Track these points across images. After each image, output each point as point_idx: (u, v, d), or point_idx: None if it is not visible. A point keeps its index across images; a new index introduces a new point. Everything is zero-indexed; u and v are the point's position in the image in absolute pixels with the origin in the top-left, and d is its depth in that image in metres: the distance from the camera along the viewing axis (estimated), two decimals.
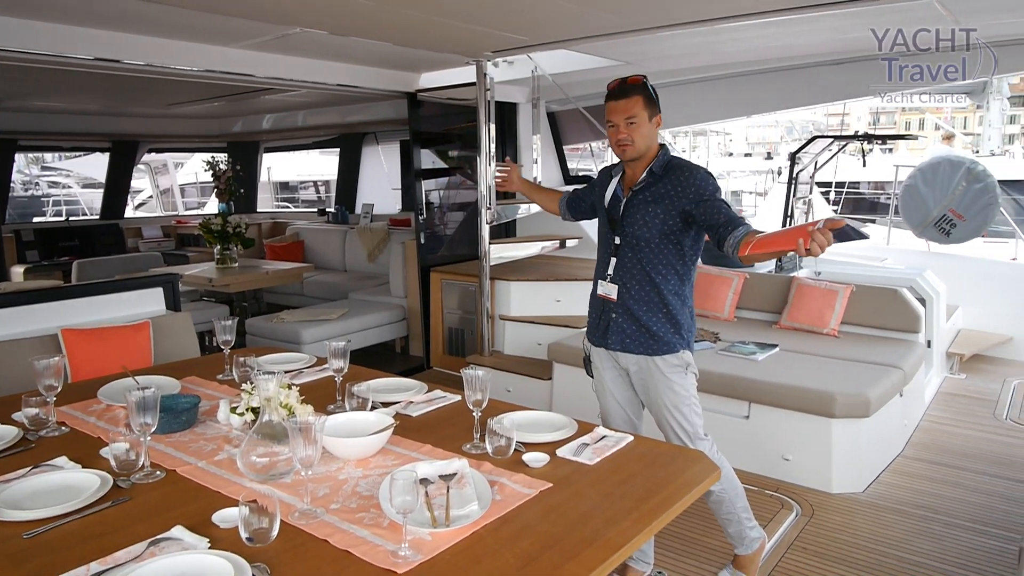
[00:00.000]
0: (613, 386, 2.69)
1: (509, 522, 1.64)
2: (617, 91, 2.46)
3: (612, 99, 2.47)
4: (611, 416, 2.71)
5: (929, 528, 3.18)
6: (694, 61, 5.26)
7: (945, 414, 4.61)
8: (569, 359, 4.38)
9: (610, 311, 2.59)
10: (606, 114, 2.48)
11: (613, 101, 2.46)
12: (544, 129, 6.52)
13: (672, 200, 2.43)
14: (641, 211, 2.47)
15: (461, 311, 5.49)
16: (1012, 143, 31.00)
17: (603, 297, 2.61)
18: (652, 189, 2.47)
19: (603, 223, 2.64)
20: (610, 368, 2.68)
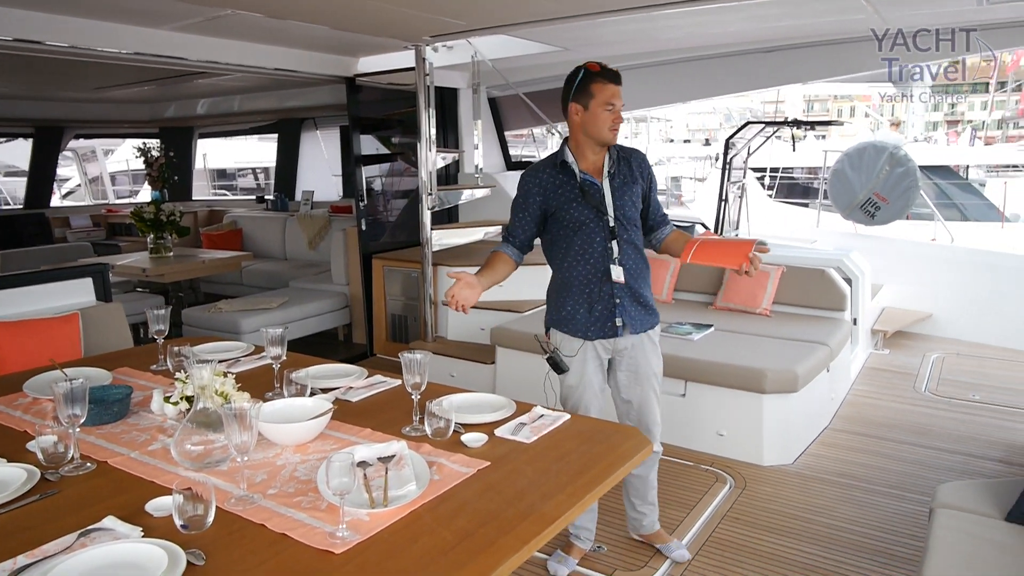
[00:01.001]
0: (594, 378, 2.66)
1: (447, 501, 1.67)
2: (614, 75, 2.47)
3: (612, 82, 2.46)
4: (592, 408, 2.67)
5: (852, 495, 3.36)
6: (631, 48, 5.34)
7: (869, 388, 4.84)
8: (511, 343, 4.44)
9: (614, 297, 2.57)
10: (603, 96, 2.44)
11: (613, 85, 2.46)
12: (485, 115, 6.52)
13: (638, 181, 2.58)
14: (623, 192, 2.54)
15: (404, 298, 5.48)
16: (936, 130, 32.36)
17: (614, 282, 2.55)
18: (623, 172, 2.56)
19: (581, 214, 2.52)
20: (592, 359, 2.64)
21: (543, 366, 4.34)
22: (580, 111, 2.49)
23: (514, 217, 2.62)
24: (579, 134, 2.54)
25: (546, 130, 5.74)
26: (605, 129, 2.47)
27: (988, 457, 3.76)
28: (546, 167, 2.60)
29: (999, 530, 2.15)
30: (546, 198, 2.55)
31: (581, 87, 2.47)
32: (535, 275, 5.18)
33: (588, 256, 2.55)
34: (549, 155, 2.67)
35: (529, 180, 2.59)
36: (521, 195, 2.60)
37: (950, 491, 2.39)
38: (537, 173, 2.58)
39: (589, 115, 2.47)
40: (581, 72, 2.48)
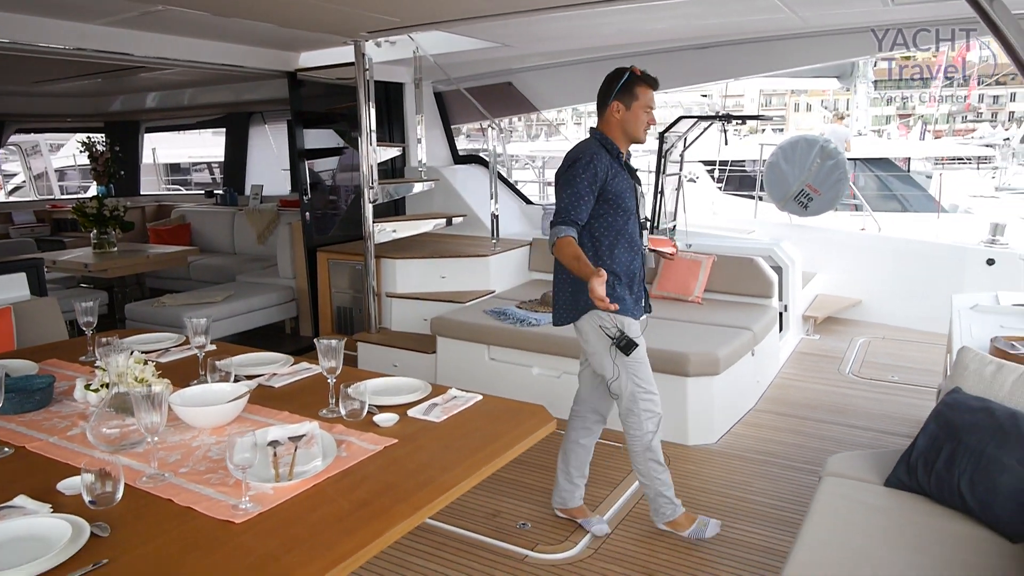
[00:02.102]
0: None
1: (350, 475, 1.78)
2: (655, 82, 2.73)
3: (653, 87, 2.72)
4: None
5: (768, 471, 3.55)
6: (569, 44, 5.48)
7: (796, 371, 5.07)
8: (451, 332, 4.55)
9: (643, 280, 2.87)
10: (644, 99, 2.69)
11: (653, 90, 2.72)
12: (430, 109, 6.60)
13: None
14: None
15: (351, 290, 5.55)
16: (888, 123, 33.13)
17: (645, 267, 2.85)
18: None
19: (631, 203, 2.73)
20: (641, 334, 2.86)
21: (482, 353, 4.49)
22: (622, 109, 2.70)
23: (580, 200, 2.62)
24: (616, 130, 2.73)
25: (496, 124, 5.83)
26: (641, 129, 2.72)
27: (898, 433, 4.00)
28: (603, 153, 2.69)
29: (877, 494, 2.33)
30: (607, 183, 2.66)
31: (626, 87, 2.68)
32: (475, 266, 5.34)
33: (633, 242, 2.76)
34: (590, 141, 2.74)
35: (596, 164, 2.64)
36: (589, 178, 2.62)
37: (839, 461, 2.57)
38: (600, 158, 2.67)
39: (630, 114, 2.69)
40: (627, 74, 2.70)
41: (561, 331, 4.18)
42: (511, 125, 28.84)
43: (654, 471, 2.89)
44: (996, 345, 2.93)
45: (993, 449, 2.16)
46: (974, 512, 2.14)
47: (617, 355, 2.74)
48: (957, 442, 2.25)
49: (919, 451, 2.34)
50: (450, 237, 5.99)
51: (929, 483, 2.27)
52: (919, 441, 2.36)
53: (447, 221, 5.64)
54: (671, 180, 5.71)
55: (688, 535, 2.90)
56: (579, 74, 6.14)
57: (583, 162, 2.63)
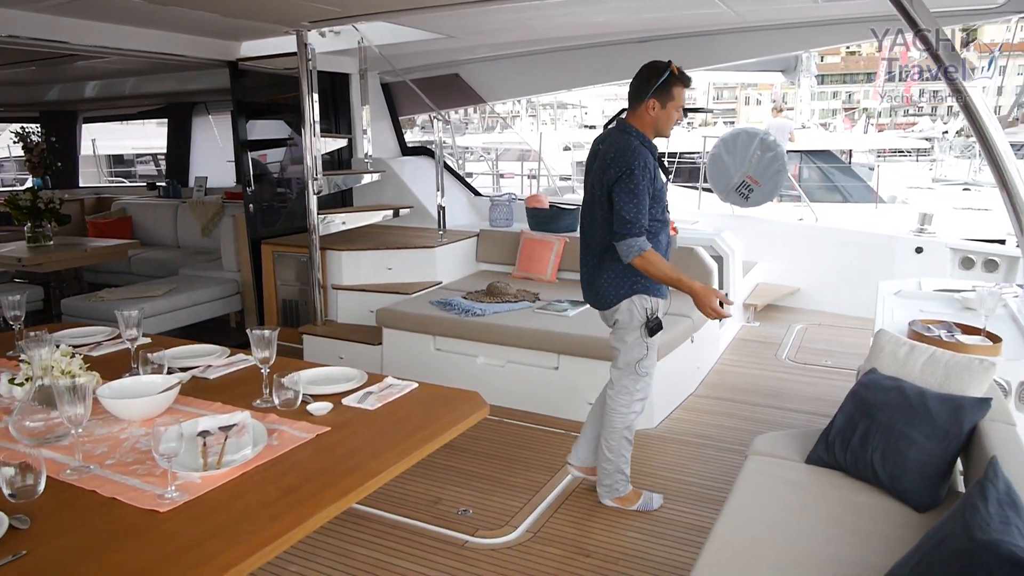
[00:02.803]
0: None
1: (280, 462, 1.80)
2: (689, 81, 2.81)
3: (686, 87, 2.80)
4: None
5: (704, 453, 3.67)
6: (514, 36, 5.51)
7: (736, 357, 5.22)
8: (397, 323, 4.56)
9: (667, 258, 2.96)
10: (679, 99, 2.78)
11: (686, 89, 2.81)
12: (376, 100, 6.57)
13: None
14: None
15: (297, 283, 5.50)
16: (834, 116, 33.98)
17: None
18: None
19: (663, 193, 2.86)
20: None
21: (427, 344, 4.51)
22: (657, 107, 2.77)
23: (644, 206, 2.72)
24: (648, 126, 2.81)
25: (440, 116, 5.83)
26: (670, 128, 2.84)
27: (827, 414, 4.09)
28: (648, 155, 2.77)
29: (797, 471, 2.44)
30: (654, 183, 2.77)
31: (664, 86, 2.73)
32: (422, 258, 5.35)
33: (666, 229, 2.92)
34: (631, 141, 2.78)
35: (648, 168, 2.73)
36: (648, 183, 2.72)
37: (764, 441, 2.68)
38: (649, 161, 2.75)
39: (664, 113, 2.78)
40: (667, 73, 2.73)
41: (505, 321, 4.27)
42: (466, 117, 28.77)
43: (623, 448, 3.05)
44: (913, 328, 3.08)
45: (902, 426, 2.29)
46: (885, 485, 2.26)
47: (645, 335, 2.91)
48: (871, 420, 2.37)
49: (837, 429, 2.46)
50: (397, 229, 5.98)
51: (845, 459, 2.39)
52: (837, 419, 2.48)
53: (394, 213, 5.63)
54: None
55: (636, 508, 3.08)
56: (526, 66, 6.19)
57: (640, 168, 2.70)
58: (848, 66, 58.16)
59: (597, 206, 2.87)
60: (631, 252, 2.72)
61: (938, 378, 2.43)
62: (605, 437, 3.07)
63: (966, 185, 16.57)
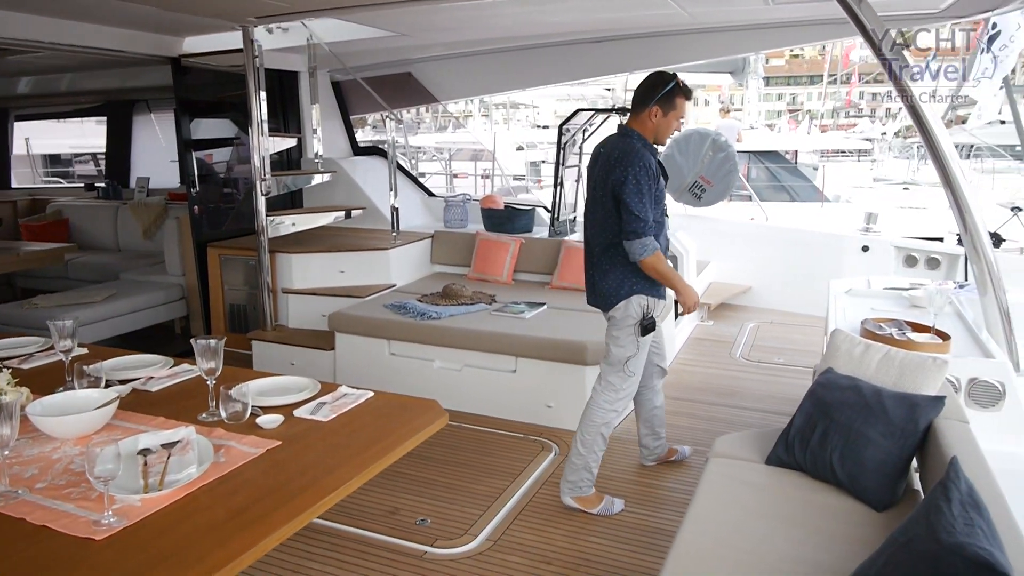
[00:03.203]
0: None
1: (228, 481, 1.70)
2: (691, 93, 2.97)
3: (688, 98, 2.95)
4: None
5: None
6: (467, 34, 5.45)
7: (691, 356, 5.25)
8: (350, 327, 4.44)
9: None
10: (681, 110, 2.93)
11: (688, 101, 2.95)
12: (327, 99, 6.42)
13: None
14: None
15: (245, 287, 5.33)
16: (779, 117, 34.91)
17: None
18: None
19: (663, 195, 2.96)
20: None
21: (382, 348, 4.41)
22: (659, 115, 2.90)
23: (646, 206, 2.81)
24: (648, 132, 2.93)
25: (395, 115, 5.72)
26: (667, 135, 2.99)
27: (782, 412, 4.20)
28: (651, 157, 2.88)
29: (758, 472, 2.44)
30: (656, 184, 2.87)
31: (667, 96, 2.88)
32: (375, 260, 5.24)
33: (664, 232, 3.01)
34: (632, 143, 2.88)
35: (649, 167, 2.83)
36: (649, 182, 2.81)
37: (725, 442, 2.68)
38: (651, 163, 2.86)
39: (664, 121, 2.91)
40: (671, 84, 2.89)
41: (461, 323, 4.20)
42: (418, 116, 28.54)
43: (596, 445, 3.07)
44: (866, 327, 3.13)
45: (860, 425, 2.30)
46: (844, 485, 2.28)
47: (638, 334, 2.98)
48: (829, 419, 2.38)
49: (796, 429, 2.47)
50: (349, 230, 5.85)
51: (805, 459, 2.40)
52: (796, 419, 2.49)
53: (346, 214, 5.50)
54: (571, 172, 5.78)
55: (597, 512, 3.05)
56: (480, 65, 6.12)
57: (643, 169, 2.80)
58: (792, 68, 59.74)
59: (599, 208, 2.94)
60: (644, 251, 2.81)
61: (893, 377, 2.46)
62: (581, 431, 3.08)
63: (905, 184, 17.14)
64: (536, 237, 5.59)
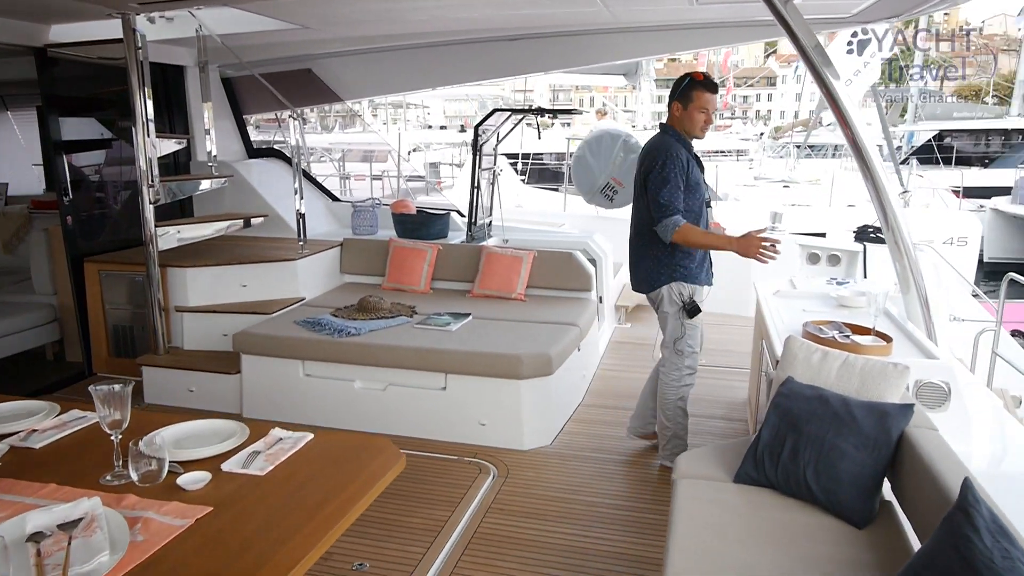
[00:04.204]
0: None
1: (153, 566, 1.38)
2: (713, 86, 3.13)
3: (709, 91, 3.11)
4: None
5: (605, 469, 3.52)
6: (375, 29, 5.12)
7: (615, 361, 5.17)
8: (257, 348, 4.03)
9: (709, 254, 3.33)
10: (700, 101, 3.09)
11: (711, 94, 3.11)
12: (219, 97, 5.91)
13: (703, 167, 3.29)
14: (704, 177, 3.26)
15: (131, 306, 4.77)
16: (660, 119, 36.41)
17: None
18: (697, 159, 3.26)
19: (704, 188, 3.22)
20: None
21: (295, 370, 4.04)
22: (680, 109, 3.15)
23: (677, 191, 3.06)
24: (678, 126, 3.18)
25: (285, 115, 5.30)
26: (697, 128, 3.14)
27: (714, 416, 4.19)
28: (681, 149, 3.12)
29: (730, 492, 2.32)
30: (688, 173, 3.10)
31: (685, 90, 3.11)
32: (281, 272, 4.83)
33: (701, 220, 3.20)
34: (665, 137, 3.18)
35: (679, 160, 3.08)
36: (679, 173, 3.06)
37: (688, 460, 2.55)
38: (680, 153, 3.10)
39: (686, 114, 3.13)
40: (687, 79, 3.12)
41: (383, 339, 3.90)
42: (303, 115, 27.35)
43: (679, 416, 3.40)
44: (807, 330, 3.10)
45: (832, 437, 2.22)
46: (820, 501, 2.19)
47: (683, 317, 3.27)
48: (798, 433, 2.29)
49: (764, 444, 2.37)
50: (250, 240, 5.38)
51: (776, 475, 2.30)
52: (763, 434, 2.39)
53: (245, 222, 5.04)
54: (486, 174, 5.58)
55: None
56: (388, 62, 5.80)
57: (671, 159, 3.06)
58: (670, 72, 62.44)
59: (639, 198, 3.28)
60: (668, 231, 3.06)
61: (855, 385, 2.40)
62: (661, 408, 3.41)
63: (785, 183, 18.12)
64: (453, 243, 5.34)
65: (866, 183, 3.49)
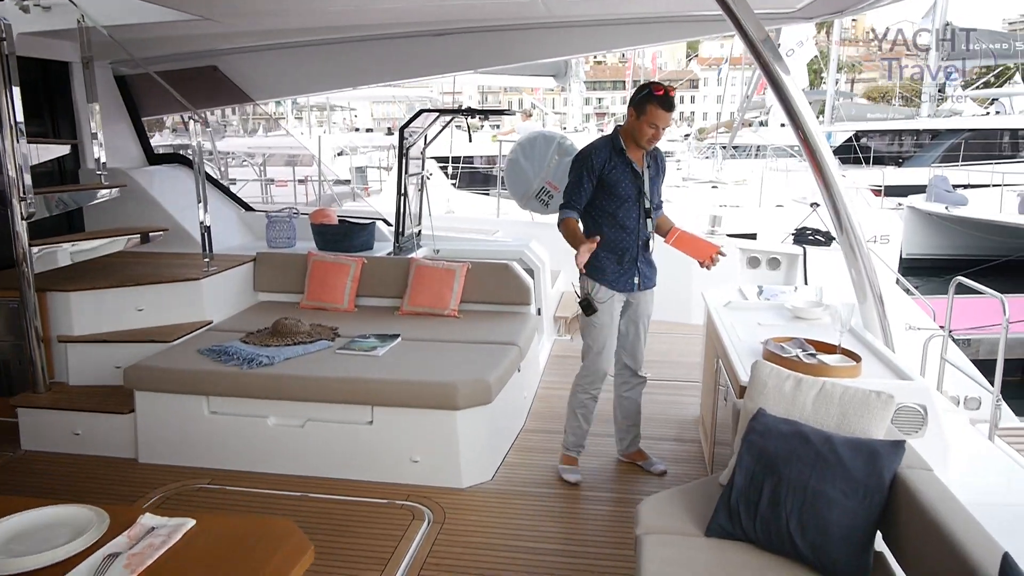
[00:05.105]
0: (615, 320, 3.34)
1: None
2: (669, 104, 3.06)
3: (663, 108, 3.05)
4: (610, 343, 3.36)
5: (552, 506, 3.19)
6: (286, 21, 4.66)
7: (556, 378, 4.85)
8: (154, 383, 3.52)
9: (636, 260, 3.27)
10: (652, 116, 3.05)
11: (663, 111, 3.06)
12: (111, 97, 5.32)
13: (661, 175, 3.32)
14: (655, 183, 3.27)
15: (9, 336, 4.15)
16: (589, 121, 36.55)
17: (642, 251, 3.27)
18: (651, 166, 3.25)
19: (628, 191, 3.16)
20: (616, 305, 3.30)
21: (199, 407, 3.56)
22: (632, 117, 3.13)
23: (576, 190, 3.17)
24: (626, 132, 3.18)
25: (189, 117, 4.78)
26: (643, 140, 3.12)
27: (665, 437, 3.92)
28: (604, 148, 3.17)
29: (702, 549, 2.02)
30: (603, 173, 3.13)
31: (641, 101, 3.08)
32: (184, 293, 4.31)
33: (627, 225, 3.20)
34: (604, 137, 3.24)
35: (592, 157, 3.13)
36: (586, 169, 3.13)
37: (651, 510, 2.23)
38: (599, 152, 3.15)
39: (638, 124, 3.10)
40: (647, 90, 3.09)
41: (300, 368, 3.47)
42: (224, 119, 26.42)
43: (573, 418, 3.48)
44: (769, 348, 2.85)
45: (816, 482, 1.95)
46: (807, 558, 1.91)
47: (579, 313, 3.28)
48: (777, 477, 2.01)
49: (738, 491, 2.07)
50: (148, 257, 4.82)
51: (755, 528, 2.01)
52: (736, 479, 2.09)
53: (142, 237, 4.47)
54: (413, 179, 5.18)
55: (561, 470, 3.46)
56: (303, 59, 5.33)
57: (583, 159, 3.17)
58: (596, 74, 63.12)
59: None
60: (559, 219, 3.20)
61: (834, 417, 2.14)
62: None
63: (713, 183, 18.32)
64: (379, 255, 4.92)
65: (819, 184, 3.30)
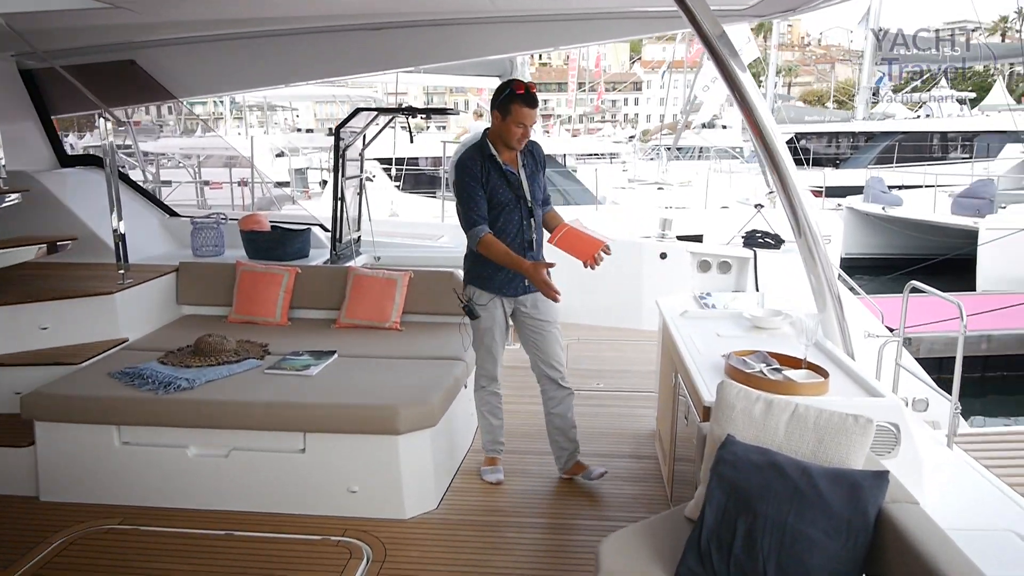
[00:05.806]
0: (500, 322, 3.28)
1: None
2: (533, 101, 2.97)
3: (528, 106, 2.96)
4: (498, 343, 3.34)
5: (503, 537, 2.95)
6: (214, 12, 4.30)
7: (506, 391, 4.53)
8: (56, 412, 3.14)
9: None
10: (518, 116, 2.94)
11: (528, 108, 2.96)
12: (14, 92, 4.86)
13: (540, 169, 3.22)
14: (533, 179, 3.16)
15: None
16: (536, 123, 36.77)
17: (528, 253, 3.15)
18: (529, 163, 3.16)
19: (505, 196, 3.07)
20: (499, 307, 3.24)
21: (109, 437, 3.20)
22: (498, 119, 3.01)
23: (472, 203, 3.04)
24: (494, 135, 3.07)
25: (99, 115, 4.38)
26: (513, 141, 3.02)
27: (621, 454, 3.73)
28: (477, 157, 3.06)
29: None
30: (482, 183, 3.03)
31: (505, 102, 2.96)
32: (95, 308, 3.92)
33: (508, 230, 3.10)
34: (474, 146, 3.11)
35: (471, 168, 3.04)
36: (471, 181, 3.03)
37: (613, 550, 2.01)
38: (474, 162, 3.05)
39: (504, 125, 2.99)
40: (508, 89, 2.97)
41: (224, 392, 3.14)
42: (160, 118, 25.42)
43: (479, 418, 3.52)
44: (731, 364, 2.67)
45: (795, 520, 1.76)
46: None
47: (464, 317, 3.24)
48: (752, 515, 1.81)
49: (709, 530, 1.87)
50: (56, 269, 4.38)
51: (728, 573, 1.80)
52: (707, 517, 1.89)
53: (49, 247, 4.05)
54: (351, 182, 4.88)
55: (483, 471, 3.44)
56: (231, 54, 4.97)
57: (463, 171, 3.04)
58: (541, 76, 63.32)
59: None
60: (473, 240, 3.06)
61: (810, 444, 1.96)
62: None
63: (659, 185, 18.40)
64: (314, 264, 4.61)
65: (776, 185, 3.15)
